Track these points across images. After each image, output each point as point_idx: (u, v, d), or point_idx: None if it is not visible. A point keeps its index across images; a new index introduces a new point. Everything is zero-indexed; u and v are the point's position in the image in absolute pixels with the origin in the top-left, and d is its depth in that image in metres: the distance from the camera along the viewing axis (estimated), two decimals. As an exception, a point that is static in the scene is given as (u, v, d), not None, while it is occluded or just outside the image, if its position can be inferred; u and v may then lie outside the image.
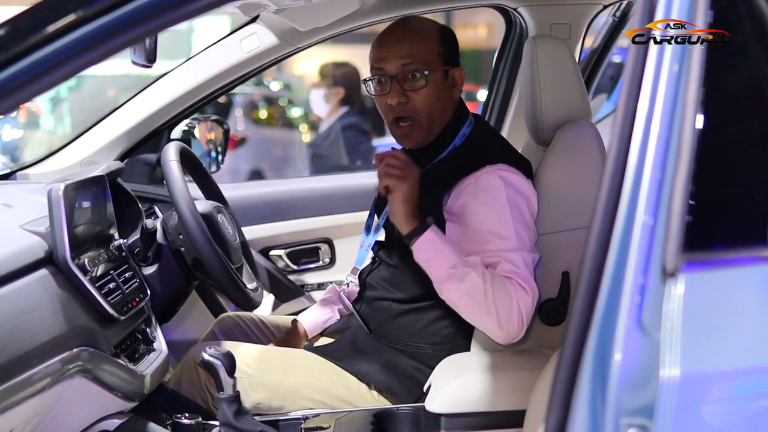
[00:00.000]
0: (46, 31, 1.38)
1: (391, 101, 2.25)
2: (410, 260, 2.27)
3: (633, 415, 1.22)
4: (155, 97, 2.88)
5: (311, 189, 3.41)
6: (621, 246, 1.27)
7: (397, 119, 2.28)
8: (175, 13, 1.46)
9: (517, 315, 2.07)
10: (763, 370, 1.27)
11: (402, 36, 2.29)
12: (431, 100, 2.26)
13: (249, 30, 2.85)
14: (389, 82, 2.26)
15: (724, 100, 1.39)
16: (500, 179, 2.18)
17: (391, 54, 2.26)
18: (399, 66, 2.25)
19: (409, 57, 2.25)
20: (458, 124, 2.33)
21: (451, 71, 2.31)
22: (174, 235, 2.46)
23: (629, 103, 1.31)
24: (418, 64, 2.25)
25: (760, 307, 1.30)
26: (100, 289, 2.04)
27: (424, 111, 2.26)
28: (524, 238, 2.16)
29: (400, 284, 2.34)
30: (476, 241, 2.16)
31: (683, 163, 1.28)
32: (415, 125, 2.28)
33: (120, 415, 2.11)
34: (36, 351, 1.75)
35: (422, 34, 2.29)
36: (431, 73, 2.25)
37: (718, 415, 1.25)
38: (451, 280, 2.10)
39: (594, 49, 3.39)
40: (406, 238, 2.15)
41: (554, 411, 1.28)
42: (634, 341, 1.24)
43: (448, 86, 2.31)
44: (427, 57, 2.26)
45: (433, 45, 2.28)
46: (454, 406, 2.09)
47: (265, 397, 2.29)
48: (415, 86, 2.25)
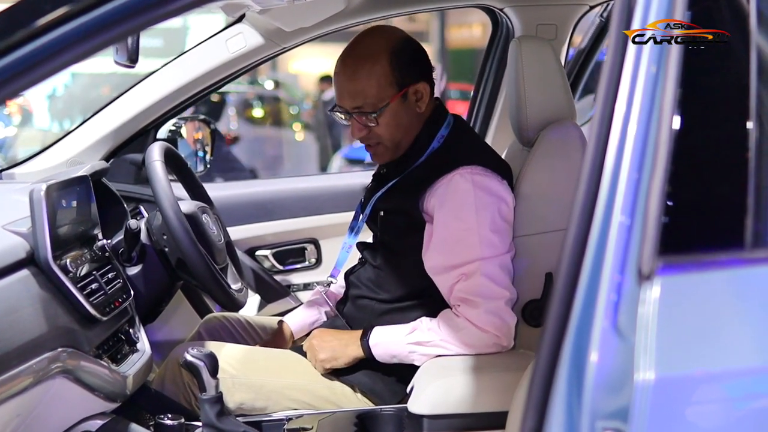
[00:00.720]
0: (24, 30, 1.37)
1: (353, 134, 2.31)
2: (394, 261, 2.29)
3: (608, 419, 1.22)
4: (141, 97, 2.88)
5: (297, 189, 3.41)
6: (598, 247, 1.26)
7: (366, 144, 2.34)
8: (155, 13, 1.45)
9: (477, 334, 2.16)
10: (737, 373, 1.26)
11: (349, 73, 2.26)
12: (391, 127, 2.27)
13: (235, 30, 2.85)
14: (348, 116, 2.29)
15: (702, 102, 1.39)
16: (470, 182, 2.19)
17: (343, 93, 2.28)
18: (351, 105, 2.27)
19: (359, 98, 2.25)
20: (434, 128, 2.33)
21: (411, 89, 2.27)
22: (158, 235, 2.46)
23: (607, 104, 1.31)
24: (368, 106, 2.25)
25: (735, 311, 1.29)
26: (83, 289, 2.04)
27: (387, 137, 2.29)
28: (492, 242, 2.18)
29: (383, 284, 2.35)
30: (441, 250, 2.21)
31: (660, 165, 1.27)
32: (381, 147, 2.31)
33: (102, 416, 2.10)
34: (17, 351, 1.74)
35: (368, 65, 2.24)
36: (383, 109, 2.24)
37: (692, 419, 1.25)
38: (416, 353, 2.21)
39: (581, 49, 3.39)
40: (365, 354, 2.26)
41: (530, 414, 1.28)
42: (609, 344, 1.24)
43: (411, 104, 2.29)
44: (376, 93, 2.24)
45: (383, 75, 2.23)
46: (437, 408, 2.08)
47: (249, 398, 2.29)
48: (371, 122, 2.26)
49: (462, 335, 2.16)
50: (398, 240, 2.30)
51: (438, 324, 2.20)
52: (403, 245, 2.28)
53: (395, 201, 2.31)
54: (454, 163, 2.22)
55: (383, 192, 2.34)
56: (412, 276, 2.28)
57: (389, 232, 2.34)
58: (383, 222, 2.35)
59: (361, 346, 2.25)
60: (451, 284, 2.20)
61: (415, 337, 2.20)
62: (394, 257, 2.31)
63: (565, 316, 1.27)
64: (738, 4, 1.45)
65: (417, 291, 2.29)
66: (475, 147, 2.35)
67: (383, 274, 2.36)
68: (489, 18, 3.27)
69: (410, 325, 2.23)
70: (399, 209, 2.29)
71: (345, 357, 2.27)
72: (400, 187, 2.30)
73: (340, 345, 2.28)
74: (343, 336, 2.30)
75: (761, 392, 1.27)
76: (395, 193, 2.32)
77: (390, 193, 2.33)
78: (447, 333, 2.18)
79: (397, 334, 2.23)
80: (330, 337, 2.31)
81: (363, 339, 2.25)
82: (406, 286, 2.30)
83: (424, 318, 2.24)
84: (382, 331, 2.25)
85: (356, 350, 2.25)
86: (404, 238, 2.28)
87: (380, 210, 2.35)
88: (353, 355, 2.26)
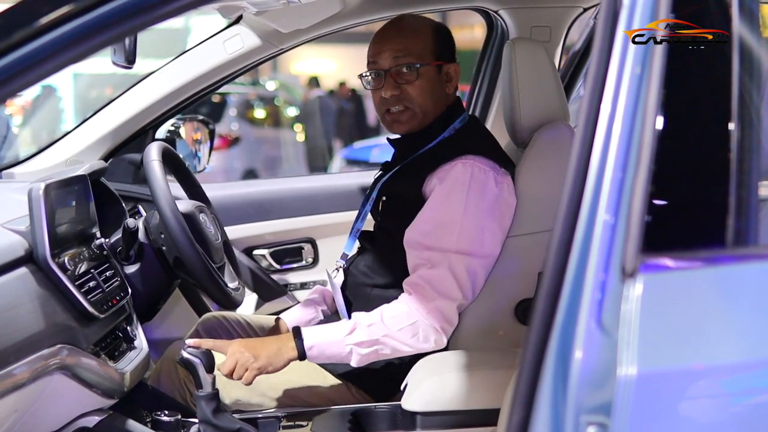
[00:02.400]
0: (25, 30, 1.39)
1: (385, 94, 2.33)
2: (391, 245, 2.32)
3: (592, 413, 1.25)
4: (140, 97, 2.90)
5: (295, 189, 3.43)
6: (583, 246, 1.29)
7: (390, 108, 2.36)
8: (152, 14, 1.47)
9: (424, 327, 2.17)
10: (718, 369, 1.29)
11: (395, 32, 2.38)
12: (424, 92, 2.33)
13: (232, 31, 2.87)
14: (383, 76, 2.34)
15: (685, 102, 1.42)
16: (470, 173, 2.21)
17: (385, 48, 2.34)
18: (392, 59, 2.32)
19: (402, 51, 2.32)
20: (451, 118, 2.38)
21: (445, 66, 2.37)
22: (156, 234, 2.48)
23: (592, 104, 1.34)
24: (410, 57, 2.32)
25: (716, 308, 1.32)
26: (81, 287, 2.06)
27: (417, 101, 2.33)
28: (471, 238, 2.20)
29: (378, 269, 2.38)
30: (420, 228, 2.24)
31: (644, 164, 1.30)
32: (407, 112, 2.34)
33: (99, 412, 2.13)
34: (15, 347, 1.77)
35: (415, 30, 2.38)
36: (423, 66, 2.32)
37: (673, 413, 1.27)
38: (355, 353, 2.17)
39: (575, 51, 3.41)
40: (300, 357, 2.17)
41: (517, 410, 1.31)
42: (594, 340, 1.26)
43: (442, 80, 2.37)
44: (419, 51, 2.33)
45: (425, 41, 2.35)
46: (430, 405, 2.10)
47: (244, 395, 2.31)
48: (408, 79, 2.32)
49: (410, 328, 2.16)
50: (397, 224, 2.32)
51: (381, 318, 2.17)
52: (400, 229, 2.30)
53: (398, 186, 2.36)
54: (460, 151, 2.25)
55: (388, 177, 2.39)
56: (406, 261, 2.30)
57: (389, 216, 2.37)
58: (384, 207, 2.39)
59: (296, 348, 2.16)
60: (416, 263, 2.22)
61: (355, 337, 2.16)
62: (391, 241, 2.33)
63: (551, 313, 1.29)
64: (722, 4, 1.48)
65: None
66: (484, 142, 2.38)
67: (379, 259, 2.39)
68: (484, 20, 3.30)
69: (347, 324, 2.18)
70: (400, 193, 2.33)
71: (281, 361, 2.16)
72: (404, 172, 2.35)
73: (273, 350, 2.16)
74: (272, 342, 2.19)
75: (742, 388, 1.30)
76: (399, 178, 2.36)
77: (394, 178, 2.38)
78: (393, 326, 2.16)
79: (333, 334, 2.18)
80: (258, 343, 2.18)
81: (296, 340, 2.17)
82: (400, 271, 2.30)
83: (359, 314, 2.21)
84: (316, 333, 2.19)
85: (291, 353, 2.16)
86: (402, 221, 2.29)
87: (383, 195, 2.39)
88: (289, 358, 2.17)
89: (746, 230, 1.36)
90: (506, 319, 2.27)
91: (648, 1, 1.35)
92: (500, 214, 2.24)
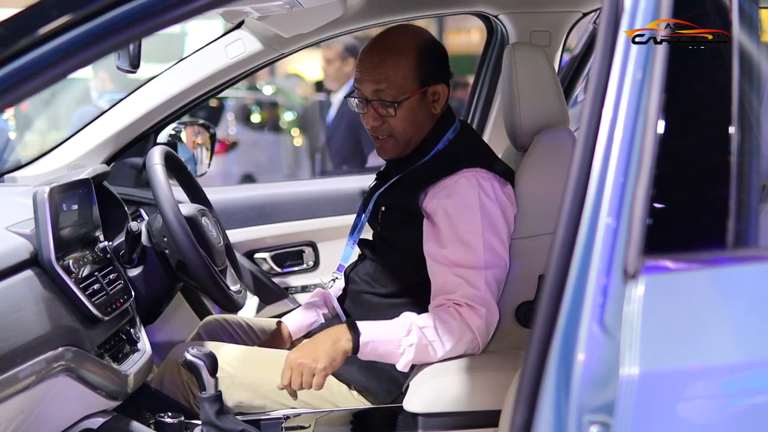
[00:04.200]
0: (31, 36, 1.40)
1: (366, 123, 2.33)
2: (391, 255, 2.33)
3: (595, 413, 1.26)
4: (142, 102, 2.90)
5: (296, 193, 3.45)
6: (585, 248, 1.31)
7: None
8: (158, 20, 1.47)
9: (470, 340, 2.16)
10: (720, 369, 1.30)
11: (378, 59, 2.30)
12: (406, 122, 2.30)
13: (234, 36, 2.88)
14: (366, 104, 2.32)
15: (685, 105, 1.43)
16: (476, 185, 2.21)
17: (367, 78, 2.30)
18: (372, 91, 2.29)
19: (383, 83, 2.28)
20: (441, 131, 2.36)
21: (432, 88, 2.32)
22: (158, 237, 2.49)
23: (594, 108, 1.35)
24: (390, 91, 2.27)
25: (717, 308, 1.33)
26: (85, 290, 2.07)
27: (399, 131, 2.31)
28: (494, 249, 2.20)
29: (380, 278, 2.39)
30: (443, 247, 2.21)
31: (645, 168, 1.32)
32: (391, 141, 2.34)
33: (103, 414, 2.13)
34: (21, 350, 1.78)
35: (398, 55, 2.29)
36: (403, 101, 2.28)
37: (675, 413, 1.29)
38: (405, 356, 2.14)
39: (574, 56, 3.43)
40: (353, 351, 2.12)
41: (520, 410, 1.32)
42: (596, 341, 1.28)
43: (428, 103, 2.33)
44: (400, 82, 2.27)
45: (408, 68, 2.28)
46: (432, 406, 2.11)
47: (247, 397, 2.33)
48: (389, 112, 2.29)
49: (461, 342, 2.16)
50: (396, 234, 2.34)
51: (434, 327, 2.14)
52: (401, 239, 2.32)
53: (396, 197, 2.35)
54: (459, 165, 2.25)
55: (385, 188, 2.38)
56: (408, 270, 2.32)
57: (388, 226, 2.38)
58: (383, 217, 2.39)
59: (351, 341, 2.11)
60: (448, 280, 2.20)
61: (411, 338, 2.13)
62: (391, 251, 2.35)
63: (554, 314, 1.31)
64: (722, 8, 1.49)
65: (413, 285, 2.32)
66: (481, 151, 2.38)
67: (381, 268, 2.39)
68: (484, 25, 3.31)
69: (404, 326, 2.14)
70: (399, 205, 2.33)
71: (341, 356, 2.11)
72: (402, 184, 2.34)
73: (329, 346, 2.11)
74: (324, 338, 2.14)
75: (743, 388, 1.31)
76: (397, 189, 2.36)
77: (392, 189, 2.37)
78: (444, 337, 2.14)
79: (390, 333, 2.14)
80: (312, 345, 2.14)
81: (353, 333, 2.11)
82: (402, 280, 2.33)
83: (411, 314, 2.17)
84: (373, 329, 2.15)
85: (347, 345, 2.11)
86: (402, 232, 2.31)
87: (381, 205, 2.39)
88: (347, 351, 2.12)
89: (746, 232, 1.37)
90: (507, 322, 2.29)
91: (649, 4, 1.37)
92: (506, 222, 2.26)
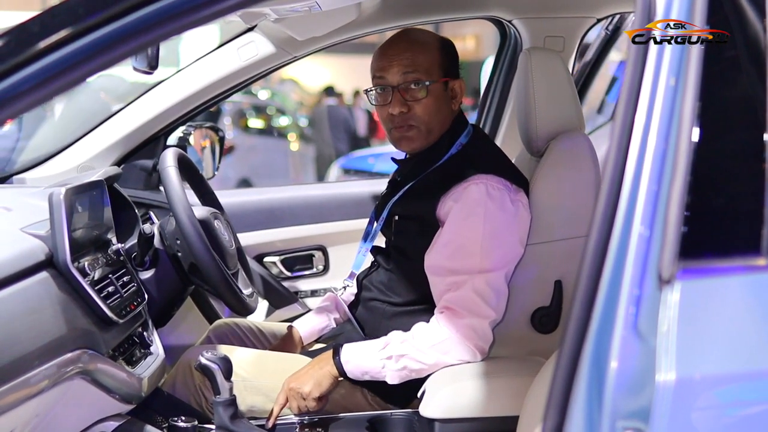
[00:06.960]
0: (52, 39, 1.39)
1: (392, 110, 2.30)
2: (406, 265, 2.32)
3: (629, 418, 1.25)
4: (152, 104, 2.90)
5: (306, 197, 3.44)
6: (618, 255, 1.30)
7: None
8: (178, 23, 1.47)
9: (454, 345, 2.18)
10: (755, 375, 1.30)
11: (404, 46, 2.33)
12: (431, 110, 2.31)
13: (246, 39, 2.87)
14: (391, 92, 2.31)
15: (719, 112, 1.42)
16: (485, 192, 2.21)
17: (393, 64, 2.31)
18: (401, 75, 2.30)
19: (411, 66, 2.30)
20: (456, 133, 2.37)
21: (451, 83, 2.35)
22: (171, 240, 2.48)
23: (627, 115, 1.34)
24: (420, 74, 2.29)
25: (751, 314, 1.33)
26: (99, 292, 2.06)
27: (424, 120, 2.31)
28: (492, 256, 2.20)
29: (394, 287, 2.38)
30: (442, 251, 2.23)
31: (679, 175, 1.31)
32: (414, 131, 2.33)
33: (117, 417, 2.12)
34: (36, 352, 1.76)
35: (423, 44, 2.34)
36: (432, 83, 2.30)
37: (711, 419, 1.28)
38: (388, 368, 2.21)
39: (586, 62, 3.43)
40: (340, 373, 2.24)
41: (551, 415, 1.31)
42: (630, 347, 1.27)
43: (448, 97, 2.35)
44: (428, 67, 2.31)
45: (434, 56, 2.32)
46: (448, 412, 2.11)
47: (260, 401, 2.32)
48: (416, 96, 2.30)
49: (441, 344, 2.18)
50: (411, 244, 2.33)
51: (412, 336, 2.20)
52: (415, 249, 2.31)
53: (411, 206, 2.34)
54: (471, 171, 2.24)
55: (399, 196, 2.37)
56: (422, 280, 2.30)
57: (403, 236, 2.37)
58: (397, 226, 2.38)
59: (334, 364, 2.22)
60: (442, 289, 2.23)
61: (387, 351, 2.20)
62: (406, 261, 2.34)
63: (586, 319, 1.30)
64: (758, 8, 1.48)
65: (427, 294, 2.31)
66: (493, 157, 2.38)
67: (395, 277, 2.39)
68: (497, 29, 3.31)
69: (382, 340, 2.23)
70: (414, 214, 2.32)
71: (327, 378, 2.23)
72: (416, 192, 2.33)
73: (316, 370, 2.23)
74: (315, 362, 2.26)
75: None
76: (411, 198, 2.35)
77: (405, 198, 2.36)
78: (423, 342, 2.18)
79: (368, 349, 2.23)
80: (303, 370, 2.26)
81: (335, 357, 2.23)
82: (416, 290, 2.32)
83: (396, 332, 2.24)
84: (353, 348, 2.24)
85: (332, 369, 2.23)
86: (417, 242, 2.30)
87: (395, 215, 2.38)
88: (332, 374, 2.23)
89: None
90: (523, 327, 2.28)
91: (682, 11, 1.36)
92: (518, 229, 2.25)
